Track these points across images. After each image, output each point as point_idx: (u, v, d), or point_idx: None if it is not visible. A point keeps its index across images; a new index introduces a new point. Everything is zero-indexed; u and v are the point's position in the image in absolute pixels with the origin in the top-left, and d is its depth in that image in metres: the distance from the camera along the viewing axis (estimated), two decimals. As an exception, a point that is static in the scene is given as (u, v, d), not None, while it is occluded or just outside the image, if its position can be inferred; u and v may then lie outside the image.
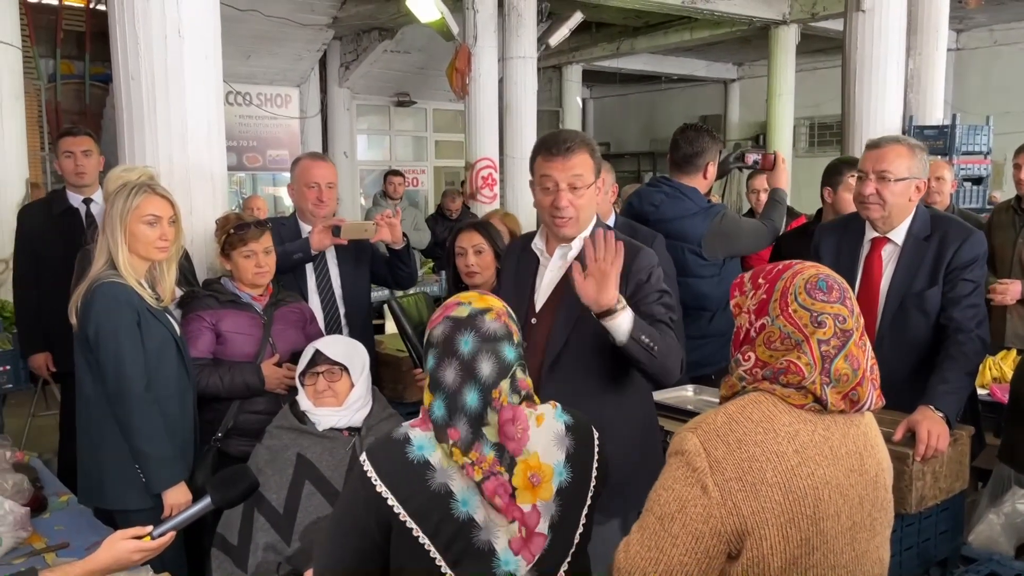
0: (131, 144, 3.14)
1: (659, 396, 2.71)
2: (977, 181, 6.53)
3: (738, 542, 1.40)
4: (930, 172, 4.59)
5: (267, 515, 2.35)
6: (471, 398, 1.55)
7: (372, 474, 1.53)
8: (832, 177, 3.42)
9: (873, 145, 2.70)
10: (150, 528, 1.61)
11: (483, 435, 1.54)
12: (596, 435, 1.67)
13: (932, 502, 2.25)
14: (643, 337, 2.07)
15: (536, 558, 1.54)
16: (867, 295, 2.67)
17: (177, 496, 2.47)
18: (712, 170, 3.38)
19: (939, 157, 5.47)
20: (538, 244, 2.41)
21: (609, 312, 2.04)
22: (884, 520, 1.55)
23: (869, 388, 1.48)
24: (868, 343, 1.51)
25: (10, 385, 3.66)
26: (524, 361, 1.63)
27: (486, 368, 1.56)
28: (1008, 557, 2.45)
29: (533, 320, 2.32)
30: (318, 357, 2.49)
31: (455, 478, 1.53)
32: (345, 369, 2.49)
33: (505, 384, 1.56)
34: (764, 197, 4.28)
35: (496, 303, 1.65)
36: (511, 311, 1.67)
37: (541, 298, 2.35)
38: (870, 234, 2.71)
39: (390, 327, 6.03)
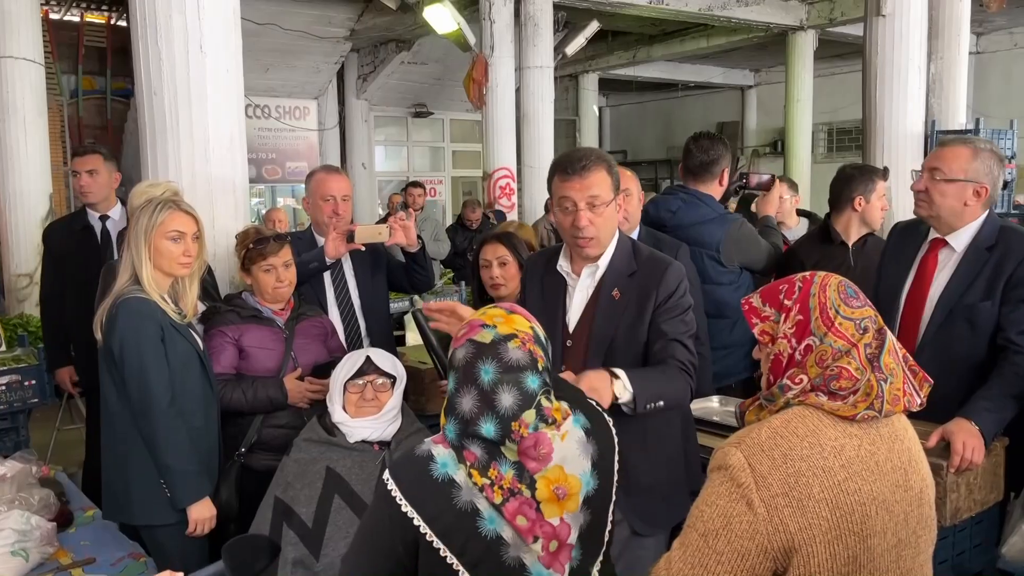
0: (154, 158, 3.15)
1: (684, 408, 2.69)
2: (1003, 186, 6.44)
3: (784, 559, 1.37)
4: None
5: (296, 529, 2.33)
6: (487, 429, 1.51)
7: (396, 493, 1.51)
8: (864, 186, 3.38)
9: (940, 143, 2.62)
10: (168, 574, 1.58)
11: (501, 454, 1.52)
12: (612, 425, 1.66)
13: (967, 514, 2.20)
14: (648, 406, 2.09)
15: (567, 570, 1.53)
16: (916, 297, 2.58)
17: (202, 511, 2.46)
18: (726, 176, 3.40)
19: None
20: (563, 266, 2.38)
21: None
22: (928, 538, 1.52)
23: (909, 383, 1.47)
24: (895, 339, 1.50)
25: (35, 400, 3.67)
26: (550, 386, 1.58)
27: (507, 400, 1.51)
28: (1045, 570, 2.40)
29: (568, 343, 2.30)
30: (368, 366, 2.48)
31: (479, 498, 1.51)
32: (394, 381, 2.49)
33: (530, 415, 1.51)
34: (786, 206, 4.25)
35: (522, 326, 1.59)
36: (539, 332, 1.62)
37: (573, 319, 2.32)
38: (932, 234, 2.62)
39: (411, 338, 6.04)
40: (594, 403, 1.70)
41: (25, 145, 6.49)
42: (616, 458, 1.63)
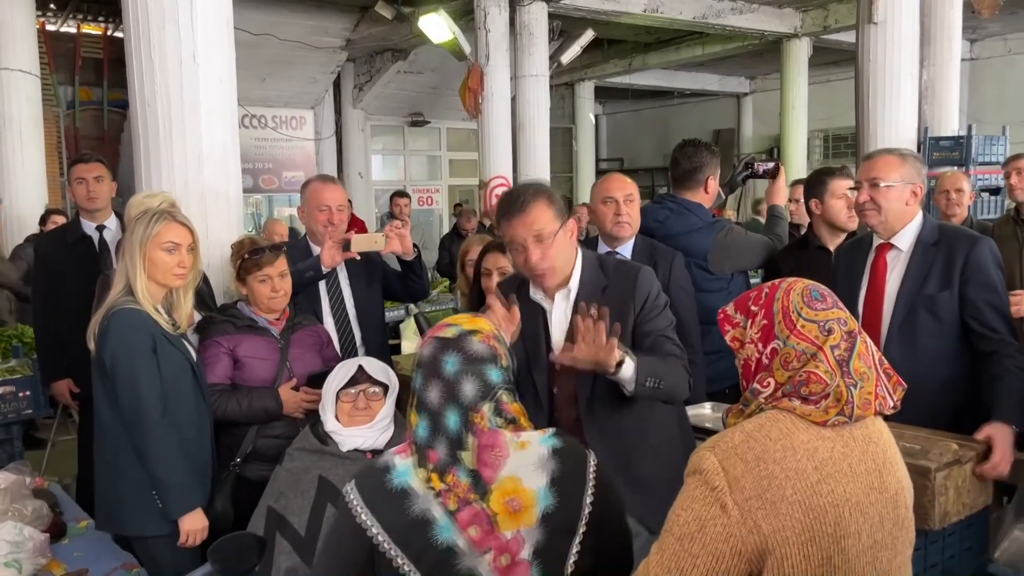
0: (148, 169, 3.17)
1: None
2: (995, 192, 6.47)
3: (759, 561, 1.38)
4: (949, 184, 4.61)
5: (290, 538, 2.34)
6: (452, 420, 1.55)
7: (355, 503, 1.55)
8: (816, 188, 3.42)
9: (866, 158, 2.82)
10: None
11: (460, 460, 1.54)
12: (593, 461, 1.61)
13: (956, 518, 2.21)
14: (648, 381, 2.11)
15: None
16: (873, 299, 2.72)
17: (194, 522, 2.46)
18: (713, 184, 3.41)
19: (956, 168, 5.42)
20: (536, 296, 2.40)
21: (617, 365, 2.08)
22: (905, 540, 1.53)
23: (883, 386, 1.48)
24: (870, 340, 1.52)
25: (30, 411, 3.68)
26: (513, 386, 1.62)
27: (469, 390, 1.56)
28: (1036, 575, 2.40)
29: (558, 367, 2.31)
30: (360, 375, 2.48)
31: (435, 505, 1.52)
32: (385, 390, 2.50)
33: (487, 407, 1.56)
34: (794, 207, 4.26)
35: (485, 325, 1.65)
36: (502, 335, 1.67)
37: (558, 344, 2.34)
38: (876, 241, 2.77)
39: (407, 347, 6.05)
40: (579, 446, 1.66)
41: (21, 156, 6.52)
42: (590, 490, 1.58)
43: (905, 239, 2.70)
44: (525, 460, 1.56)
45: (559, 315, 2.36)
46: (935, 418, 2.49)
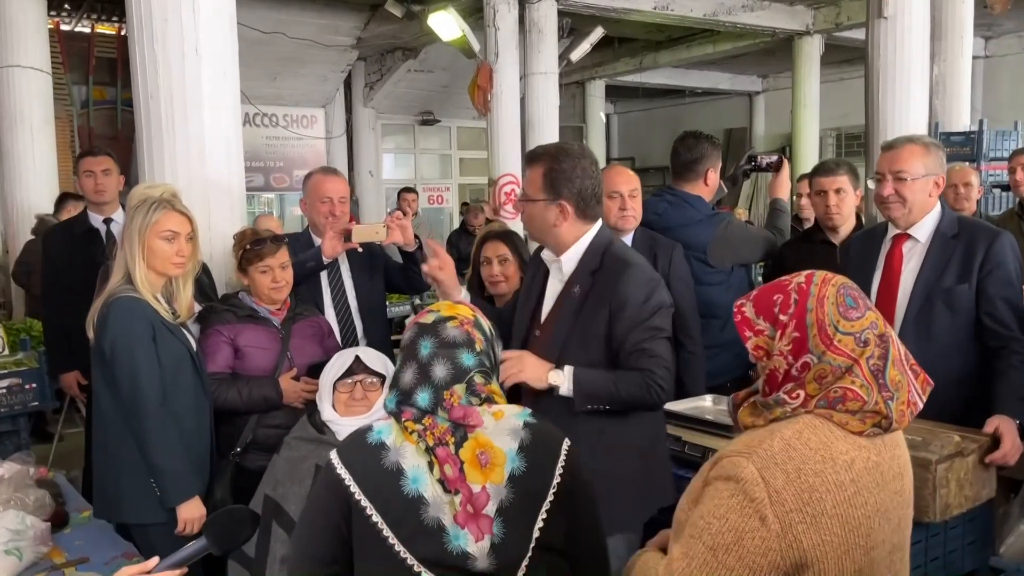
0: (150, 162, 3.18)
1: (676, 406, 2.68)
2: (1006, 188, 6.39)
3: (794, 575, 1.35)
4: (957, 178, 4.57)
5: (286, 527, 2.34)
6: (422, 398, 1.62)
7: (335, 459, 1.60)
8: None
9: (888, 147, 2.72)
10: (156, 560, 1.60)
11: (437, 414, 1.61)
12: (566, 443, 1.65)
13: (957, 511, 2.19)
14: (588, 406, 2.16)
15: (487, 538, 1.53)
16: (887, 290, 2.68)
17: (191, 511, 2.47)
18: (713, 177, 3.38)
19: (966, 163, 5.37)
20: (546, 253, 2.42)
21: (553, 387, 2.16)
22: (910, 536, 1.52)
23: (914, 390, 1.44)
24: (897, 338, 1.46)
25: (36, 403, 3.72)
26: (488, 368, 1.68)
27: (440, 371, 1.63)
28: (1041, 569, 2.38)
29: (537, 332, 2.32)
30: (357, 366, 2.48)
31: (407, 456, 1.57)
32: (382, 381, 2.50)
33: (460, 388, 1.63)
34: (805, 201, 4.22)
35: (464, 313, 1.71)
36: (482, 321, 1.72)
37: (545, 310, 2.36)
38: (892, 232, 2.73)
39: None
40: (554, 429, 1.70)
41: (32, 153, 6.56)
42: (559, 468, 1.61)
43: (923, 230, 2.66)
44: (499, 427, 1.61)
45: (553, 281, 2.39)
46: (944, 411, 2.45)
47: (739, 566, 1.32)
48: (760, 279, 4.22)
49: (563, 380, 2.15)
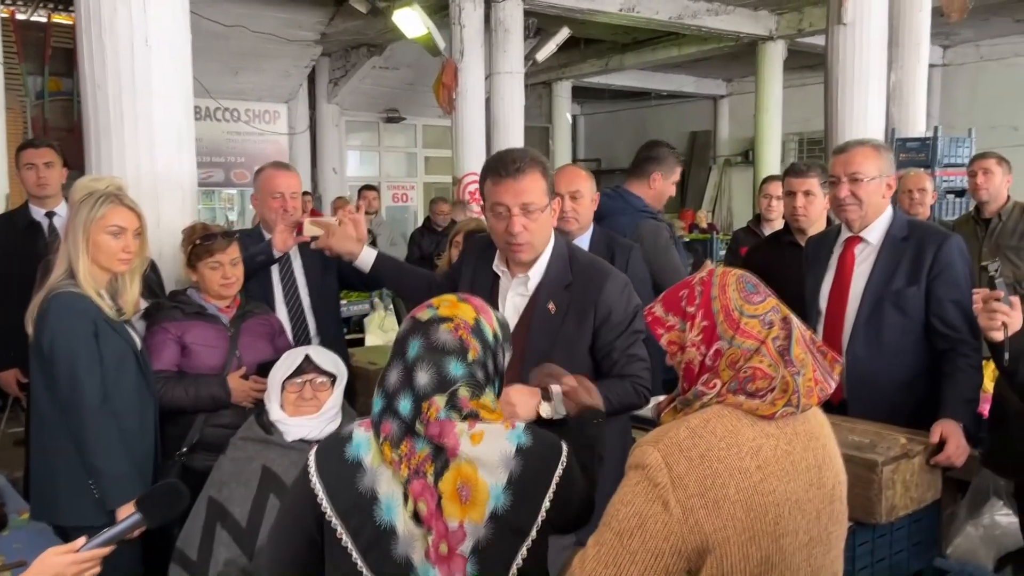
0: (98, 154, 3.10)
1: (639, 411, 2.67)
2: (959, 193, 6.52)
3: (698, 560, 1.37)
4: (912, 184, 4.63)
5: (230, 529, 2.29)
6: (403, 405, 1.52)
7: (312, 467, 1.56)
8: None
9: (840, 150, 2.74)
10: (83, 540, 1.56)
11: (416, 433, 1.50)
12: (563, 460, 1.54)
13: (903, 512, 2.21)
14: (584, 429, 2.02)
15: None
16: (838, 292, 2.70)
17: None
18: (660, 183, 3.45)
19: (921, 169, 5.46)
20: (499, 266, 2.34)
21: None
22: (839, 533, 1.52)
23: (820, 368, 1.46)
24: (799, 321, 1.49)
25: (-24, 401, 3.60)
26: (478, 381, 1.54)
27: (423, 378, 1.52)
28: (985, 569, 2.41)
29: None
30: (307, 365, 2.44)
31: (383, 482, 1.50)
32: (333, 381, 2.45)
33: (440, 399, 1.51)
34: (776, 204, 4.22)
35: (465, 314, 1.57)
36: (485, 325, 1.58)
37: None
38: (844, 235, 2.75)
39: (371, 340, 5.99)
40: (553, 443, 1.59)
41: (-20, 144, 6.39)
42: (552, 486, 1.51)
43: (875, 233, 2.68)
44: (486, 454, 1.49)
45: (515, 297, 2.29)
46: (895, 413, 2.50)
47: (642, 550, 1.35)
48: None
49: (553, 411, 2.02)
